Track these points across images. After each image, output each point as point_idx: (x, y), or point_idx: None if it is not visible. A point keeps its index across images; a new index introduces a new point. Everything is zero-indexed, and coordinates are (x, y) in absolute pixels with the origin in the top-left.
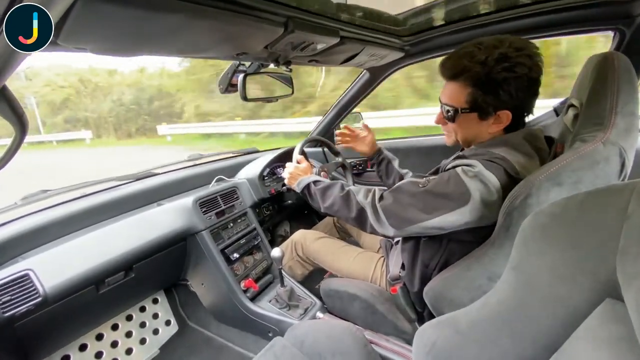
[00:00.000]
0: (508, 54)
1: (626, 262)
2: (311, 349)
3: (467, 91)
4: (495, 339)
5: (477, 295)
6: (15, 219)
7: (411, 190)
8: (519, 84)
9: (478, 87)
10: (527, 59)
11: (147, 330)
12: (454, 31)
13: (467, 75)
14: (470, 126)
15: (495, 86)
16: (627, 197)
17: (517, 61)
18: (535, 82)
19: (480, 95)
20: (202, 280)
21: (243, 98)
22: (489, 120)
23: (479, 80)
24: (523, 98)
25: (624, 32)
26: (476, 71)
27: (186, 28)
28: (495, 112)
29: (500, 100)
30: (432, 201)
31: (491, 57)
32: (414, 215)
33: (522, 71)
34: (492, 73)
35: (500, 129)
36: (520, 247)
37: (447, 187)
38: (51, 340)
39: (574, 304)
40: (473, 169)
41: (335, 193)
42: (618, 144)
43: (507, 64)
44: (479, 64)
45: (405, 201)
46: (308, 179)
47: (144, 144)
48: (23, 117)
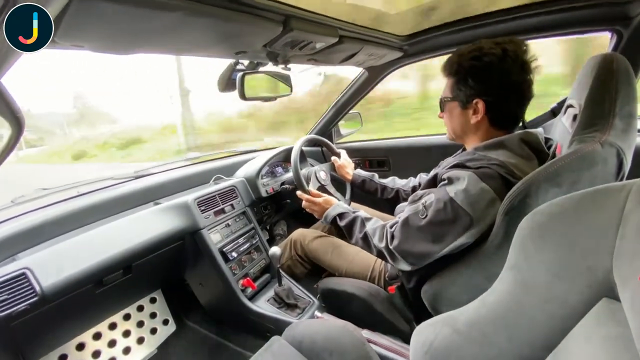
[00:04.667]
0: (483, 46)
1: (622, 262)
2: (309, 348)
3: (450, 82)
4: (493, 338)
5: (474, 294)
6: (12, 217)
7: (416, 223)
8: (486, 72)
9: (454, 76)
10: (499, 50)
11: (145, 330)
12: (452, 31)
13: (447, 67)
14: (454, 115)
15: (465, 74)
16: (624, 197)
17: (486, 52)
18: (508, 74)
19: (455, 83)
20: (200, 279)
21: (241, 97)
22: (469, 110)
23: (453, 69)
24: (493, 88)
25: (621, 33)
26: (452, 62)
27: (184, 26)
28: (471, 101)
29: (470, 88)
30: (438, 230)
31: (468, 49)
32: (426, 249)
33: (490, 59)
34: (462, 62)
35: (483, 121)
36: (517, 246)
37: (447, 214)
38: (48, 339)
39: (571, 304)
40: (461, 185)
41: (356, 233)
42: (616, 144)
43: (476, 54)
44: (457, 56)
45: (414, 236)
46: (333, 213)
47: None
48: (19, 115)
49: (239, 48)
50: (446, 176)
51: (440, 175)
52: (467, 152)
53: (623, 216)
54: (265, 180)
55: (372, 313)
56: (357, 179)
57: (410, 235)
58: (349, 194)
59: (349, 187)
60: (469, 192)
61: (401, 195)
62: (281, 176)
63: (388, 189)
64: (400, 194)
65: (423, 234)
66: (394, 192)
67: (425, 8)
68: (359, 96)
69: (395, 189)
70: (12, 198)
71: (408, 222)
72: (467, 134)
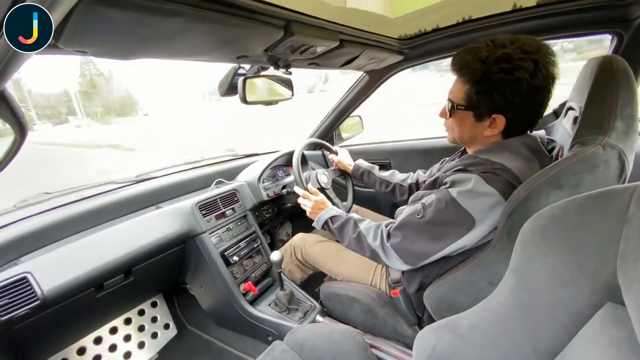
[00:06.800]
0: (511, 55)
1: (626, 266)
2: (311, 352)
3: (465, 87)
4: (496, 342)
5: (477, 298)
6: (13, 222)
7: (416, 223)
8: (516, 89)
9: (474, 85)
10: (530, 64)
11: (146, 334)
12: (452, 34)
13: (466, 71)
14: (465, 125)
15: (490, 87)
16: (627, 200)
17: (518, 64)
18: (538, 90)
19: (475, 94)
20: (201, 283)
21: (243, 101)
22: (484, 123)
23: (475, 78)
24: (521, 105)
25: (622, 35)
26: (475, 68)
27: (187, 31)
28: (490, 115)
29: (493, 102)
30: (438, 230)
31: (493, 56)
32: (425, 248)
33: (521, 75)
34: (489, 72)
35: (497, 134)
36: (520, 250)
37: (447, 215)
38: (49, 343)
39: (575, 308)
40: (466, 186)
41: (349, 234)
42: (617, 147)
43: (506, 65)
44: (479, 62)
45: (413, 235)
46: (325, 216)
47: None
48: (23, 120)
49: (240, 53)
50: (449, 179)
51: (441, 179)
52: (469, 156)
53: (626, 219)
54: (267, 184)
55: (374, 317)
56: (358, 171)
57: (409, 234)
58: (351, 201)
59: (351, 194)
60: (472, 193)
61: (397, 190)
62: (282, 180)
63: (386, 183)
64: (396, 189)
65: (423, 233)
66: (391, 186)
67: (425, 11)
68: (360, 100)
69: (393, 183)
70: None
71: (408, 221)
72: (475, 142)
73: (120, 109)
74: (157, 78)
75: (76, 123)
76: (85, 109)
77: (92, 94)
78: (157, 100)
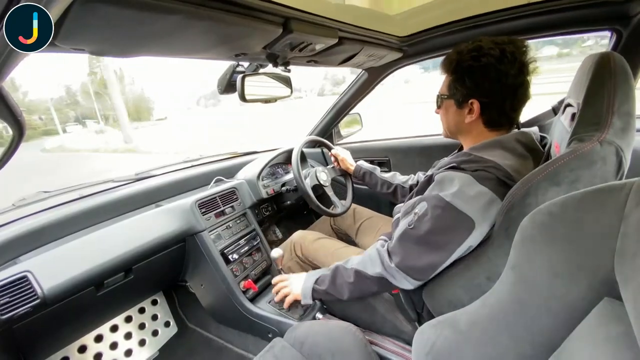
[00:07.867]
0: (482, 45)
1: (624, 261)
2: (311, 349)
3: (447, 79)
4: (495, 338)
5: (476, 295)
6: (13, 221)
7: (415, 235)
8: (483, 73)
9: (451, 74)
10: (497, 51)
11: (146, 332)
12: (452, 32)
13: (445, 62)
14: (450, 113)
15: (462, 74)
16: (624, 196)
17: (486, 52)
18: (507, 76)
19: (452, 82)
20: (201, 281)
21: (241, 99)
22: (464, 110)
23: (451, 67)
24: (492, 89)
25: (620, 32)
26: (452, 59)
27: (185, 29)
28: (467, 100)
29: (466, 88)
30: (440, 238)
31: (467, 48)
32: (431, 260)
33: (488, 61)
34: (462, 61)
35: (477, 121)
36: (518, 246)
37: (446, 220)
38: (50, 342)
39: (573, 303)
40: (455, 186)
41: (345, 281)
42: (615, 143)
43: (475, 54)
44: (456, 53)
45: (416, 249)
46: (309, 283)
47: None
48: (21, 118)
49: (238, 50)
50: (439, 177)
51: (434, 176)
52: (463, 153)
53: (624, 215)
54: (266, 181)
55: (374, 314)
56: (359, 171)
57: (411, 249)
58: (350, 200)
59: (350, 194)
60: (466, 194)
61: (399, 192)
62: (282, 177)
63: (388, 184)
64: (398, 190)
65: (424, 245)
66: (393, 188)
67: (425, 8)
68: (359, 97)
69: (395, 184)
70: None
71: (406, 236)
72: (461, 133)
73: (136, 112)
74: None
75: (97, 128)
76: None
77: (104, 94)
78: (173, 103)
